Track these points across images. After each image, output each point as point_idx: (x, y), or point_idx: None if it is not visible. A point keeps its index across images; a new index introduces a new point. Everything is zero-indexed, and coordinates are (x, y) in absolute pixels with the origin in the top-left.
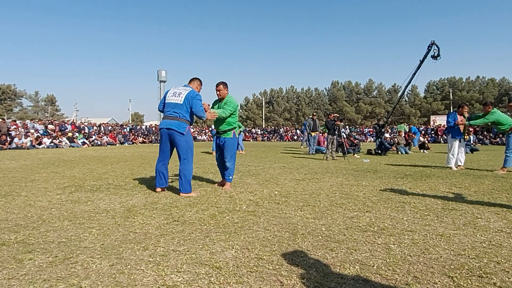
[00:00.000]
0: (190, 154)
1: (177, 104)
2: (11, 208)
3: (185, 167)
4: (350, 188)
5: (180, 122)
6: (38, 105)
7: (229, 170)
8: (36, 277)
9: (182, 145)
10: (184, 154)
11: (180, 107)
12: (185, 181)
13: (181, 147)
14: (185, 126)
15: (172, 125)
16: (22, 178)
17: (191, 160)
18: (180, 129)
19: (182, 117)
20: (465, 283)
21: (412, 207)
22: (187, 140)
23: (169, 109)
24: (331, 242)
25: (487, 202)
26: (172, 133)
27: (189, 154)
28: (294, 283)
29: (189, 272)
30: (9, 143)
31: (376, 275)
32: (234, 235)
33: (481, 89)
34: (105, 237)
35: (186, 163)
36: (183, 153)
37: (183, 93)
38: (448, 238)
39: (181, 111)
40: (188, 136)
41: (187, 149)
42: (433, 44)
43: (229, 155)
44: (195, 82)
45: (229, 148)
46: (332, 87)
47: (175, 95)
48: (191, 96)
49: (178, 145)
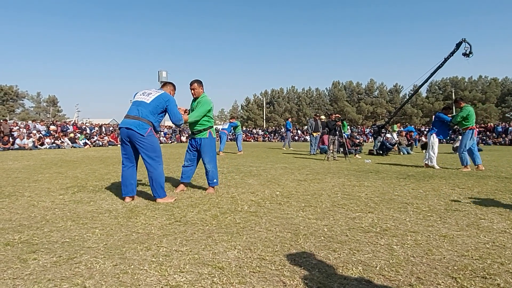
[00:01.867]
0: (157, 154)
1: (142, 102)
2: (15, 208)
3: (153, 170)
4: (352, 189)
5: (141, 122)
6: (40, 106)
7: (211, 173)
8: (40, 277)
9: (145, 146)
10: (149, 155)
11: (146, 106)
12: (156, 185)
13: (144, 148)
14: (146, 127)
15: (132, 125)
16: (25, 179)
17: (159, 162)
18: (139, 130)
19: (145, 117)
20: (469, 284)
21: (415, 208)
22: (150, 142)
23: (132, 108)
24: (333, 242)
25: (490, 203)
26: (131, 134)
27: (155, 155)
28: (297, 284)
29: (192, 272)
30: (12, 144)
31: (379, 276)
32: (236, 235)
33: (483, 89)
34: (108, 237)
35: (154, 165)
36: (147, 155)
37: (154, 94)
38: (451, 239)
39: (145, 111)
40: (150, 137)
41: (152, 150)
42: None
43: (208, 157)
44: (168, 87)
45: (207, 149)
46: (333, 87)
47: (144, 95)
48: (163, 99)
49: (140, 146)
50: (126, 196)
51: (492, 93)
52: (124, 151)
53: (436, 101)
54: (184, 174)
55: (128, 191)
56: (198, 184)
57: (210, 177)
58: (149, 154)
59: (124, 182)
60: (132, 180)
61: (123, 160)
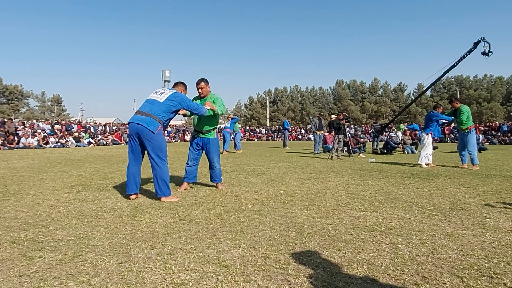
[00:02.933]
0: (164, 153)
1: (155, 101)
2: (20, 206)
3: (160, 168)
4: (356, 188)
5: (152, 119)
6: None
7: (218, 171)
8: (46, 275)
9: (153, 144)
10: (156, 153)
11: (159, 105)
12: (162, 183)
13: (152, 146)
14: (157, 125)
15: (143, 121)
16: (30, 177)
17: (165, 160)
18: (150, 126)
19: (157, 115)
20: (475, 283)
21: (420, 207)
22: (159, 139)
23: (144, 105)
24: (338, 241)
25: (496, 201)
26: (141, 130)
27: (162, 153)
28: (302, 282)
29: (196, 270)
30: (17, 143)
31: (384, 275)
32: (241, 234)
33: (488, 88)
34: (113, 235)
35: (160, 164)
36: (155, 152)
37: (166, 93)
38: (456, 238)
39: (157, 109)
40: (160, 136)
41: (160, 148)
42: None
43: (216, 156)
44: (180, 86)
45: (215, 149)
46: (337, 86)
47: (157, 94)
48: (176, 98)
49: (148, 143)
50: (131, 193)
51: (497, 92)
52: (131, 147)
53: (440, 99)
54: (189, 174)
55: (133, 188)
56: (202, 183)
57: (217, 174)
58: (156, 152)
59: (130, 179)
60: (137, 178)
61: (130, 157)
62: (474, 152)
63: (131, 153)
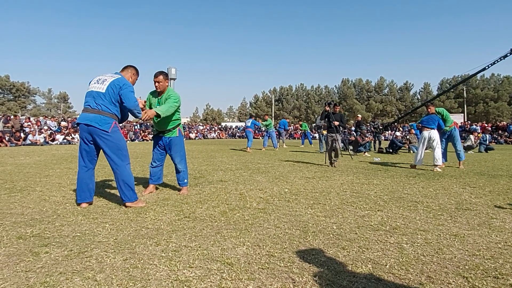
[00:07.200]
0: (123, 153)
1: (98, 93)
2: (27, 202)
3: (121, 171)
4: (361, 187)
5: (103, 117)
6: (51, 102)
7: (183, 173)
8: (52, 270)
9: (109, 144)
10: (114, 154)
11: (103, 97)
12: (125, 187)
13: (108, 145)
14: (109, 122)
15: (93, 121)
16: (36, 174)
17: (126, 161)
18: (102, 126)
19: (105, 110)
20: (480, 283)
21: (425, 207)
22: (115, 138)
23: (88, 100)
24: (342, 240)
25: (502, 202)
26: (93, 131)
27: (121, 153)
28: (306, 281)
29: (201, 267)
30: (24, 140)
31: (389, 274)
32: (245, 232)
33: (495, 87)
34: (118, 232)
35: (120, 165)
36: (113, 152)
37: (108, 80)
38: (462, 238)
39: (103, 103)
40: (116, 134)
41: (118, 147)
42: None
43: (178, 156)
44: (129, 71)
45: (178, 148)
46: (343, 85)
47: (98, 82)
48: (117, 84)
49: (103, 143)
50: (83, 202)
51: (505, 91)
52: (83, 151)
53: (447, 99)
54: (153, 176)
55: (85, 196)
56: (209, 181)
57: (181, 177)
58: (114, 152)
59: (81, 186)
60: (91, 184)
61: (81, 161)
62: (461, 148)
63: (82, 157)
